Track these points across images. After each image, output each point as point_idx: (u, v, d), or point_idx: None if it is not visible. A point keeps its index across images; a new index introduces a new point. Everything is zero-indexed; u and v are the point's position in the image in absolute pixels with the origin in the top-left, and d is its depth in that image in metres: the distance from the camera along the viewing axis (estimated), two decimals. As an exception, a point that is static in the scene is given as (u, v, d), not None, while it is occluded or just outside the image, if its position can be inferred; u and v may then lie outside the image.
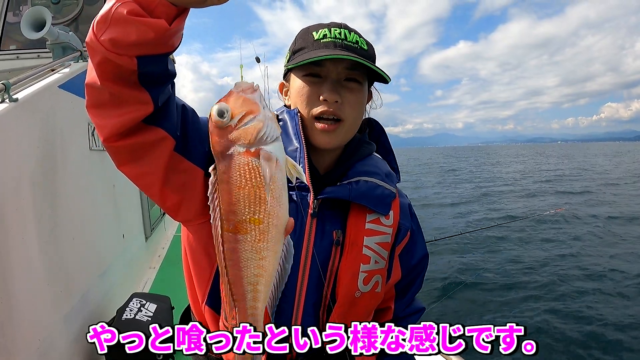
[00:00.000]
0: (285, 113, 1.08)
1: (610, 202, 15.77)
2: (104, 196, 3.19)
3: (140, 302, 2.73)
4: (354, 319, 1.06)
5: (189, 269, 1.10)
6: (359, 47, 1.03)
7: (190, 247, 1.07)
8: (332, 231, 1.05)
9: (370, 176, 1.09)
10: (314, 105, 1.02)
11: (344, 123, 1.02)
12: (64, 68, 2.68)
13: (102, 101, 0.76)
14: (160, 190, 0.90)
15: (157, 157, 0.85)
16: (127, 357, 2.44)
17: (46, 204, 2.11)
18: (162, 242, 5.28)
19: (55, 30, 2.93)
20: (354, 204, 1.06)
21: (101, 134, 0.80)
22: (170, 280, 4.03)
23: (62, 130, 2.36)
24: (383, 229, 1.08)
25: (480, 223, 11.77)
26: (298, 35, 1.09)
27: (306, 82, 1.03)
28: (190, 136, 0.90)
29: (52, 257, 2.12)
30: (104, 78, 0.73)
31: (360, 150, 1.12)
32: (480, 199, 18.41)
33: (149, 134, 0.82)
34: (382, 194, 1.08)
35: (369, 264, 1.06)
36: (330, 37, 1.02)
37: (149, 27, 0.68)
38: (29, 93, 2.05)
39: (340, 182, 1.07)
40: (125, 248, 3.60)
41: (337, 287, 1.04)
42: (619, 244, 9.72)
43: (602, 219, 12.33)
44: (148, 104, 0.78)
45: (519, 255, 8.91)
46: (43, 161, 2.11)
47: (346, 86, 1.02)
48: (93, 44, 0.70)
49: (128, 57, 0.70)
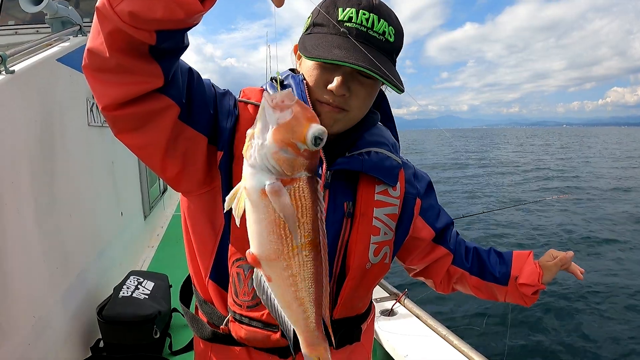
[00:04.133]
0: (291, 78, 1.02)
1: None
2: (102, 173, 3.16)
3: (137, 280, 2.73)
4: (363, 289, 1.10)
5: (191, 243, 1.07)
6: (384, 39, 0.94)
7: (192, 219, 1.05)
8: (343, 203, 1.04)
9: (379, 147, 1.07)
10: (320, 91, 0.95)
11: (348, 114, 0.97)
12: (63, 42, 2.63)
13: (106, 67, 0.71)
14: (162, 160, 0.86)
15: (161, 126, 0.81)
16: (123, 335, 2.47)
17: (43, 179, 2.08)
18: (160, 222, 5.28)
19: (54, 5, 2.87)
20: (363, 175, 1.04)
21: (100, 101, 0.76)
22: (169, 259, 4.04)
23: (60, 105, 2.32)
24: (391, 200, 1.08)
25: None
26: (324, 4, 0.96)
27: (318, 64, 0.95)
28: (195, 102, 0.86)
29: (49, 234, 2.10)
30: (113, 48, 0.67)
31: (367, 119, 1.06)
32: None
33: (154, 102, 0.77)
34: (391, 165, 1.08)
35: (379, 235, 1.06)
36: (356, 22, 0.91)
37: (180, 6, 0.62)
38: (26, 65, 2.00)
39: (349, 152, 1.04)
40: (123, 226, 3.59)
41: (348, 259, 1.04)
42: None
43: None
44: (159, 77, 0.74)
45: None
46: (40, 135, 2.07)
47: (358, 79, 0.94)
48: (106, 12, 0.64)
49: (147, 31, 0.65)
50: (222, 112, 0.94)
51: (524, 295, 1.23)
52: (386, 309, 2.58)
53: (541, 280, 1.21)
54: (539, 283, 1.21)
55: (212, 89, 0.94)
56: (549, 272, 1.21)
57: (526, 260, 1.25)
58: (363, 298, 1.14)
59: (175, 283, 2.92)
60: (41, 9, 2.76)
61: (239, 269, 0.97)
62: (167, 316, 2.68)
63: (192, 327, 1.15)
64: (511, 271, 1.25)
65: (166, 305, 2.66)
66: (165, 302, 2.68)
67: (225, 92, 0.99)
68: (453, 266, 1.28)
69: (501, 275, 1.26)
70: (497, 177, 21.89)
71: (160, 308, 2.50)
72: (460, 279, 1.30)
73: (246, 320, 0.99)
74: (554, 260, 1.21)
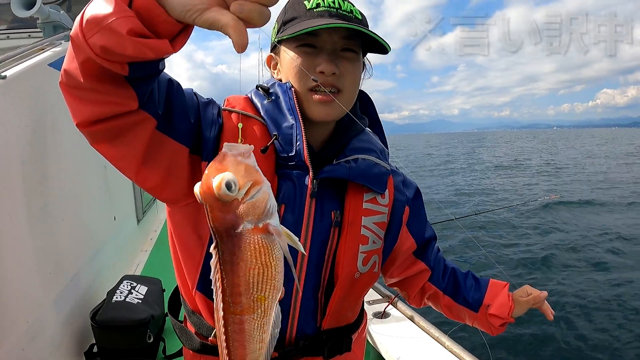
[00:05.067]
0: (277, 86, 1.01)
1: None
2: (95, 177, 3.15)
3: (130, 284, 2.71)
4: (352, 299, 1.10)
5: (177, 254, 1.06)
6: (353, 16, 0.98)
7: (177, 230, 1.03)
8: (330, 211, 1.03)
9: (367, 153, 1.06)
10: (308, 78, 0.95)
11: (343, 94, 0.97)
12: (55, 47, 2.62)
13: (81, 87, 0.69)
14: (139, 170, 0.85)
15: (137, 138, 0.80)
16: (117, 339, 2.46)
17: (36, 183, 2.07)
18: (154, 225, 5.25)
19: (46, 9, 2.86)
20: (351, 183, 1.03)
21: (74, 118, 0.75)
22: (162, 263, 4.00)
23: (52, 109, 2.32)
24: (380, 208, 1.07)
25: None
26: (288, 5, 1.01)
27: (300, 53, 0.96)
28: (174, 113, 0.85)
29: (42, 238, 2.10)
30: (87, 75, 0.66)
31: (354, 124, 1.07)
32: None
33: (129, 117, 0.75)
34: (379, 172, 1.07)
35: (368, 244, 1.05)
36: (324, 6, 0.96)
37: (149, 48, 0.60)
38: (18, 70, 2.00)
39: (337, 159, 1.03)
40: (116, 230, 3.58)
41: (337, 268, 1.03)
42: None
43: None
44: (133, 100, 0.72)
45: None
46: (32, 140, 2.07)
47: (343, 56, 0.97)
48: (79, 42, 0.62)
49: (119, 64, 0.64)
50: (205, 121, 0.93)
51: (492, 325, 1.24)
52: (379, 311, 2.59)
53: (511, 314, 1.22)
54: (509, 316, 1.22)
55: (194, 98, 0.93)
56: (520, 307, 1.22)
57: (501, 292, 1.26)
58: (353, 308, 1.14)
59: (168, 287, 2.91)
60: (33, 14, 2.76)
61: None
62: (160, 320, 2.67)
63: (181, 338, 1.15)
64: (484, 299, 1.25)
65: (159, 310, 2.66)
66: (158, 306, 2.67)
67: (209, 101, 0.97)
68: (429, 283, 1.27)
69: (473, 301, 1.26)
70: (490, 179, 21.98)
71: (153, 312, 2.50)
72: (433, 296, 1.29)
73: None
74: (527, 298, 1.22)
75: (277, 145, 0.98)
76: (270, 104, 1.00)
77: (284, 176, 0.98)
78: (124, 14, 0.58)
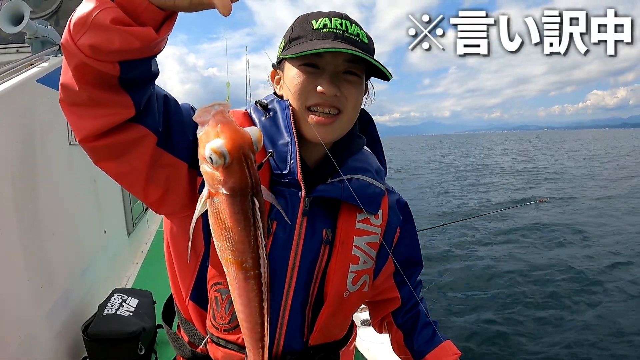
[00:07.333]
0: (276, 102, 1.02)
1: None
2: (85, 191, 3.16)
3: (121, 297, 2.72)
4: (341, 317, 1.10)
5: (172, 264, 1.08)
6: (359, 40, 0.98)
7: (174, 241, 1.05)
8: (321, 230, 1.03)
9: (362, 173, 1.06)
10: (309, 96, 0.95)
11: (342, 115, 0.97)
12: (43, 62, 2.64)
13: (79, 101, 0.72)
14: (144, 187, 0.86)
15: (139, 154, 0.81)
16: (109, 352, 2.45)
17: (26, 199, 2.09)
18: (144, 238, 5.25)
19: (34, 24, 2.88)
20: (345, 202, 1.03)
21: (77, 134, 0.77)
22: (153, 275, 4.01)
23: (41, 125, 2.34)
24: (372, 228, 1.07)
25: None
26: (296, 22, 1.01)
27: (302, 71, 0.96)
28: (173, 129, 0.87)
29: (33, 253, 2.11)
30: (82, 82, 0.69)
31: (351, 144, 1.07)
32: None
33: (130, 132, 0.78)
34: (373, 192, 1.07)
35: (358, 264, 1.05)
36: (331, 27, 0.96)
37: (134, 36, 0.63)
38: (7, 87, 2.02)
39: (331, 178, 1.03)
40: (107, 244, 3.58)
41: (326, 286, 1.03)
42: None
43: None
44: (129, 108, 0.74)
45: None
46: (22, 156, 2.09)
47: (345, 79, 0.96)
48: (70, 47, 0.65)
49: (110, 63, 0.66)
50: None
51: None
52: (367, 318, 2.60)
53: None
54: None
55: (191, 113, 0.93)
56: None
57: (447, 357, 1.20)
58: (341, 325, 1.14)
59: (159, 299, 2.91)
60: (21, 29, 2.77)
61: (217, 292, 0.97)
62: (151, 332, 2.68)
63: (174, 346, 1.15)
64: (427, 355, 1.21)
65: (150, 322, 2.67)
66: (149, 318, 2.68)
67: None
68: (391, 313, 1.26)
69: (417, 352, 1.22)
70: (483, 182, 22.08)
71: (144, 324, 2.51)
72: (389, 325, 1.28)
73: (223, 342, 1.00)
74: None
75: (271, 162, 0.98)
76: (267, 120, 1.01)
77: (277, 193, 0.99)
78: (105, 6, 0.62)
